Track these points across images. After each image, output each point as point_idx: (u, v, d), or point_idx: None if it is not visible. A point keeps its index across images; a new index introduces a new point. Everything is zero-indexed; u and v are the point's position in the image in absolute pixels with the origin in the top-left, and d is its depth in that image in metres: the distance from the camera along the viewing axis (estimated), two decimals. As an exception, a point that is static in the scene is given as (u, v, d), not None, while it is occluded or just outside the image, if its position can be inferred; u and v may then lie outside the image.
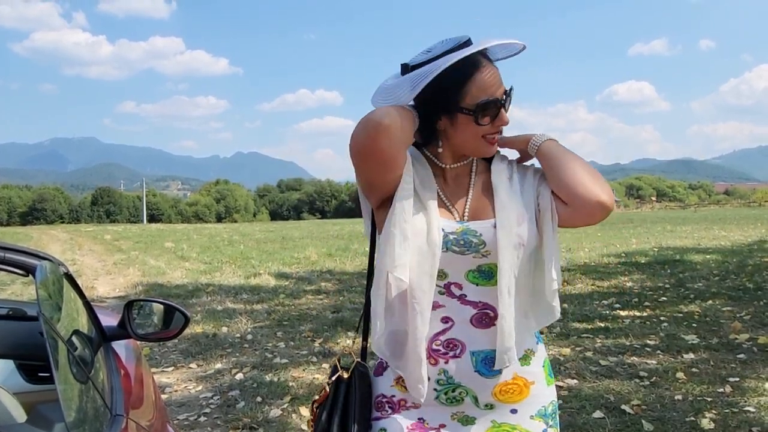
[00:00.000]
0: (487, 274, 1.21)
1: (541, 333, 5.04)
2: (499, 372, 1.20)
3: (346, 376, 1.29)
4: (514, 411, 1.24)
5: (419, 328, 1.17)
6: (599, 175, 1.22)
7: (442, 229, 1.20)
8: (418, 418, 1.24)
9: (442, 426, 1.23)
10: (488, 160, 1.34)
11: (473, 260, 1.21)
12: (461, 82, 1.21)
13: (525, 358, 1.24)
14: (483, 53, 1.23)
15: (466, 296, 1.21)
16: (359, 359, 1.35)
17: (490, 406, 1.22)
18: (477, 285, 1.21)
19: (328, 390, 1.30)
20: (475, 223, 1.23)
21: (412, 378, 1.20)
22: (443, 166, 1.31)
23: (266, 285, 9.00)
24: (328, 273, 10.27)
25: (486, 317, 1.21)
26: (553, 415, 1.31)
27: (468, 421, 1.23)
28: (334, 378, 1.30)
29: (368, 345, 1.36)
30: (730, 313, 5.78)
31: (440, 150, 1.29)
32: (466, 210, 1.27)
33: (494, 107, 1.22)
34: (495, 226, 1.21)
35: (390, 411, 1.26)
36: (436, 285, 1.19)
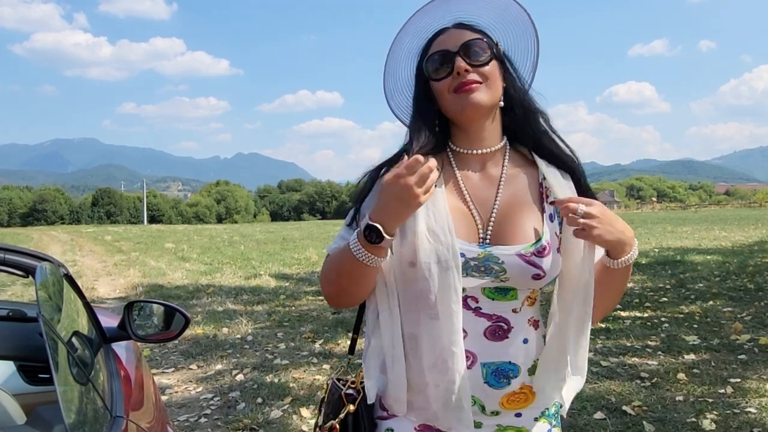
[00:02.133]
0: (504, 291, 1.18)
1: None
2: (508, 383, 1.19)
3: (352, 408, 1.26)
4: (518, 415, 1.23)
5: (459, 363, 1.14)
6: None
7: (463, 254, 1.14)
8: (417, 426, 1.23)
9: (449, 429, 1.22)
10: (526, 157, 1.27)
11: (491, 282, 1.17)
12: (426, 49, 1.22)
13: (533, 369, 1.22)
14: (461, 24, 1.22)
15: (480, 309, 1.18)
16: (349, 354, 1.35)
17: (495, 413, 1.21)
18: (493, 300, 1.18)
19: (338, 428, 1.25)
20: (498, 249, 1.16)
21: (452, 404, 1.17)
22: (463, 151, 1.24)
23: (267, 286, 9.00)
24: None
25: (500, 330, 1.18)
26: (556, 415, 1.30)
27: (474, 425, 1.21)
28: (343, 415, 1.25)
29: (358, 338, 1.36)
30: (731, 314, 5.78)
31: (452, 134, 1.26)
32: (492, 221, 1.20)
33: (441, 59, 1.18)
34: (519, 255, 1.15)
35: (386, 414, 1.25)
36: None
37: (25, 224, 73.03)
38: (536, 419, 1.25)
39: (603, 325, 5.54)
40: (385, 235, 1.06)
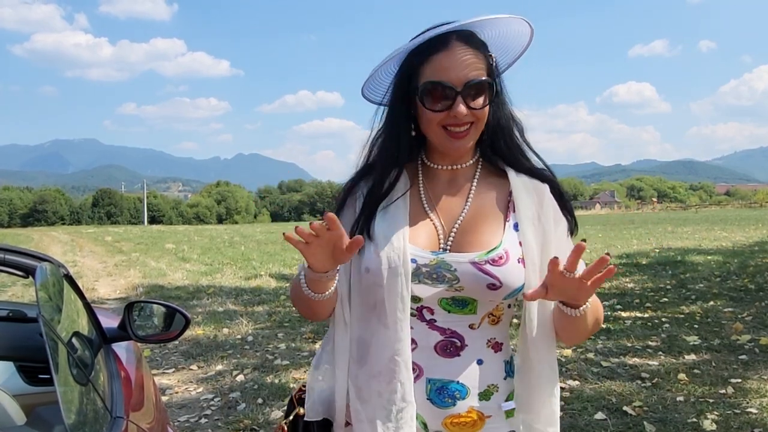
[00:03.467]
0: (461, 303, 1.14)
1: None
2: (452, 404, 1.14)
3: (302, 411, 1.23)
4: None
5: (404, 373, 1.12)
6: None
7: (414, 260, 1.13)
8: None
9: None
10: (500, 171, 1.23)
11: (446, 291, 1.14)
12: (420, 62, 1.13)
13: (485, 394, 1.16)
14: (464, 36, 1.14)
15: (435, 321, 1.15)
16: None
17: None
18: (449, 312, 1.15)
19: (285, 429, 1.24)
20: (451, 256, 1.13)
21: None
22: (434, 166, 1.22)
23: (267, 286, 9.00)
24: (328, 274, 10.25)
25: (452, 346, 1.15)
26: None
27: None
28: (291, 417, 1.24)
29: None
30: (731, 314, 5.77)
31: (427, 148, 1.23)
32: (453, 231, 1.17)
33: (440, 91, 1.11)
34: (472, 263, 1.12)
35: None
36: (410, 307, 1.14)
37: (25, 225, 73.07)
38: None
39: (604, 326, 5.53)
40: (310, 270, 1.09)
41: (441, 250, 1.16)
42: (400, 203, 1.18)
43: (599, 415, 3.35)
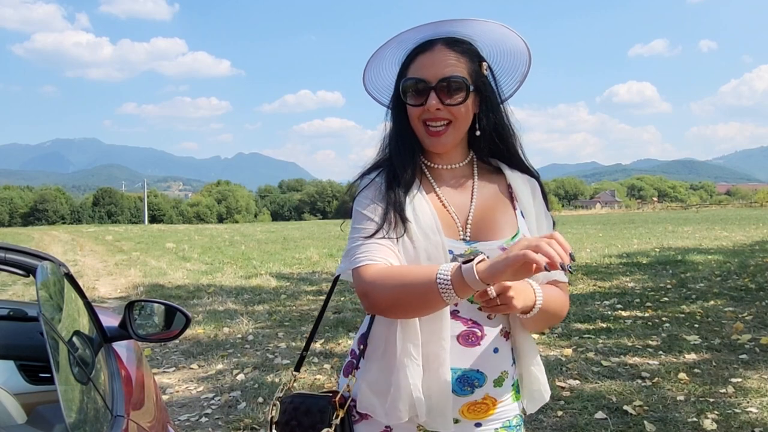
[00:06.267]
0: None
1: (543, 333, 4.95)
2: (471, 392, 1.19)
3: (342, 413, 1.24)
4: (478, 425, 1.23)
5: (443, 365, 1.16)
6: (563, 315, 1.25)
7: (450, 251, 1.18)
8: (386, 426, 1.23)
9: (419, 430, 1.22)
10: (494, 168, 1.31)
11: None
12: (408, 64, 1.22)
13: (499, 380, 1.21)
14: (449, 41, 1.21)
15: (458, 312, 1.19)
16: (295, 371, 1.46)
17: (455, 421, 1.21)
18: (471, 302, 1.19)
19: None
20: (483, 245, 1.20)
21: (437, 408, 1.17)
22: (434, 166, 1.28)
23: (267, 286, 9.00)
24: (329, 274, 10.27)
25: (473, 335, 1.19)
26: (518, 427, 1.29)
27: None
28: (338, 420, 1.24)
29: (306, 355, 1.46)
30: (731, 314, 5.77)
31: (423, 149, 1.28)
32: (469, 222, 1.23)
33: (416, 87, 1.19)
34: (503, 249, 1.17)
35: (357, 416, 1.26)
36: None
37: (26, 224, 73.08)
38: (496, 430, 1.25)
39: (604, 325, 5.54)
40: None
41: (461, 240, 1.22)
42: (421, 197, 1.23)
43: (599, 415, 3.36)
